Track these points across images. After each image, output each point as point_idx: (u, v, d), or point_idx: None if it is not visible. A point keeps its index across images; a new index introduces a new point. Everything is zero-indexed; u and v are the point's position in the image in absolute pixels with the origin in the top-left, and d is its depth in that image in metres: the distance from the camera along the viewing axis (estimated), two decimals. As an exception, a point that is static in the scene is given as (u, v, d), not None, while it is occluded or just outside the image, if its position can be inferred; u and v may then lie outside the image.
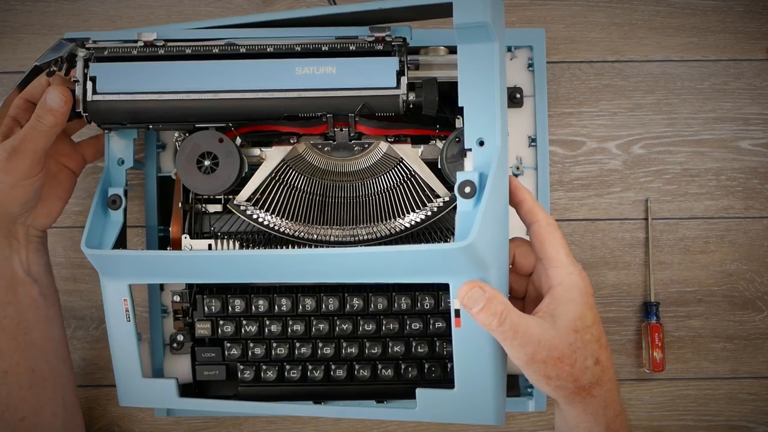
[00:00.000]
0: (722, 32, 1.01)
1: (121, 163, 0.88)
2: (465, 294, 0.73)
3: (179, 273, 0.85)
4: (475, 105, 0.78)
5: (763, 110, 1.00)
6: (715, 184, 1.00)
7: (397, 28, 0.83)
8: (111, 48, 0.84)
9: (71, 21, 1.04)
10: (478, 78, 0.78)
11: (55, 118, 0.81)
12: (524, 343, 0.72)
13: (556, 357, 0.73)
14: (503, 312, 0.72)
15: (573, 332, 0.74)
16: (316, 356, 0.90)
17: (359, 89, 0.82)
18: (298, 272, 0.82)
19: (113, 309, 0.87)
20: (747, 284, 1.00)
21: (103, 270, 0.85)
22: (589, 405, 0.75)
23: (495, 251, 0.77)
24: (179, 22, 1.03)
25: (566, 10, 1.02)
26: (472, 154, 0.78)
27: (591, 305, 0.76)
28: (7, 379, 0.86)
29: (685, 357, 0.99)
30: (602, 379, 0.75)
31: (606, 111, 1.01)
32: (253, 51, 0.84)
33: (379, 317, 0.89)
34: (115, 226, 0.87)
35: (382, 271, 0.80)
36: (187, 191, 0.89)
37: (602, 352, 0.76)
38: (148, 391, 0.89)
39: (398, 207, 0.87)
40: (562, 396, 0.75)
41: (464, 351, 0.79)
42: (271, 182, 0.87)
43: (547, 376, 0.74)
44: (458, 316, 0.78)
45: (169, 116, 0.84)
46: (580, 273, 0.77)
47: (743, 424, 0.99)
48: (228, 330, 0.89)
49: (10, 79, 1.03)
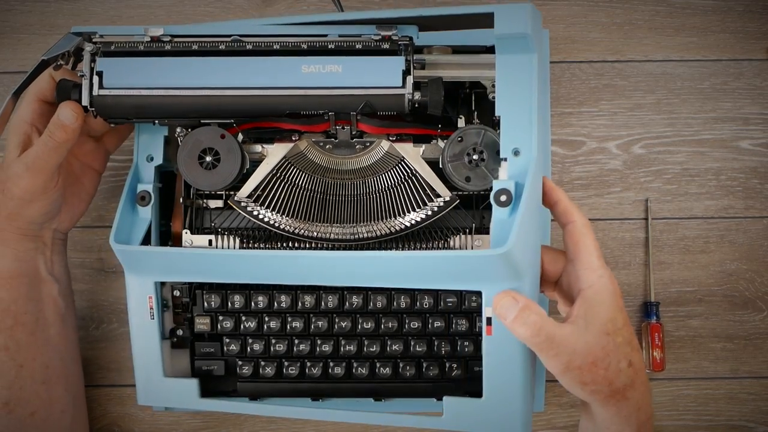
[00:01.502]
0: (722, 32, 1.01)
1: (150, 159, 0.89)
2: (498, 303, 0.75)
3: (209, 271, 0.85)
4: (511, 115, 0.80)
5: (763, 110, 1.00)
6: (715, 184, 1.00)
7: (403, 28, 0.83)
8: (118, 43, 0.85)
9: (71, 21, 1.04)
10: (515, 88, 0.80)
11: (66, 134, 0.82)
12: (560, 352, 0.73)
13: (590, 362, 0.73)
14: (537, 322, 0.73)
15: (605, 335, 0.74)
16: (315, 353, 0.90)
17: (365, 88, 0.82)
18: (330, 275, 0.83)
19: (137, 306, 0.87)
20: (747, 284, 1.00)
21: (130, 266, 0.86)
22: (623, 408, 0.76)
23: (529, 259, 0.79)
24: (179, 22, 1.03)
25: (566, 10, 1.02)
26: (507, 163, 0.80)
27: (621, 308, 0.77)
28: (22, 372, 0.86)
29: (685, 357, 0.99)
30: (635, 381, 0.76)
31: (606, 111, 1.01)
32: (260, 48, 0.84)
33: (378, 315, 0.89)
34: (143, 222, 0.87)
35: (410, 277, 0.83)
36: (189, 186, 0.89)
37: (634, 354, 0.76)
38: (169, 391, 0.89)
39: (399, 206, 0.87)
40: (598, 400, 0.76)
41: (494, 360, 0.80)
42: (272, 179, 0.87)
43: (582, 382, 0.74)
44: (489, 324, 0.79)
45: (175, 112, 0.84)
46: (610, 276, 0.77)
47: (743, 424, 0.99)
48: (227, 325, 0.89)
49: (10, 79, 1.03)
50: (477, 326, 0.88)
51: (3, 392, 0.86)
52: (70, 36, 0.85)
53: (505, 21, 0.77)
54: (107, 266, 1.01)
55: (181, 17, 1.03)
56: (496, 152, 0.83)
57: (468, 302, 0.88)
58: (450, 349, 0.89)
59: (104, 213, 1.00)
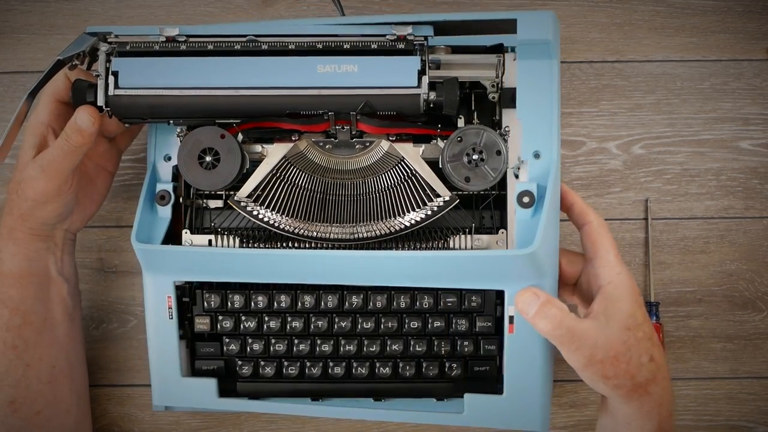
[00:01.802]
0: (722, 32, 1.01)
1: (167, 159, 0.89)
2: (520, 299, 0.77)
3: (232, 271, 0.86)
4: (532, 119, 0.83)
5: (763, 110, 1.00)
6: (715, 184, 1.00)
7: (418, 27, 0.84)
8: (133, 43, 0.85)
9: (71, 21, 1.04)
10: (536, 93, 0.84)
11: (83, 138, 0.82)
12: (581, 345, 0.75)
13: (612, 356, 0.75)
14: (557, 316, 0.75)
15: (626, 330, 0.76)
16: (315, 353, 0.90)
17: (380, 88, 0.83)
18: (358, 275, 0.85)
19: (155, 306, 0.88)
20: (747, 284, 0.99)
21: (149, 266, 0.86)
22: (645, 403, 0.77)
23: (551, 259, 0.84)
24: (179, 22, 1.03)
25: (566, 10, 1.02)
26: (528, 166, 0.83)
27: (640, 304, 0.79)
28: (29, 372, 0.86)
29: (684, 357, 0.99)
30: (657, 376, 0.77)
31: (606, 111, 1.01)
32: (275, 48, 0.84)
33: (378, 315, 0.89)
34: (163, 222, 0.88)
35: (432, 276, 0.85)
36: (189, 186, 0.89)
37: (655, 349, 0.77)
38: (186, 391, 0.90)
39: (398, 206, 0.87)
40: (620, 395, 0.77)
41: (515, 357, 0.84)
42: (272, 179, 0.87)
43: (605, 376, 0.76)
44: (512, 323, 0.83)
45: (190, 112, 0.84)
46: (628, 273, 0.80)
47: (743, 424, 0.99)
48: (227, 325, 0.89)
49: (10, 79, 1.03)
50: (477, 326, 0.88)
51: (9, 391, 0.86)
52: (85, 36, 0.85)
53: (528, 27, 0.81)
54: (107, 266, 1.01)
55: (181, 17, 1.03)
56: (495, 152, 0.84)
57: (468, 302, 0.88)
58: (450, 349, 0.89)
59: (104, 213, 1.00)
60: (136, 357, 0.99)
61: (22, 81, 1.03)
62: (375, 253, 0.84)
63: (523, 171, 0.84)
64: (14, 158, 1.00)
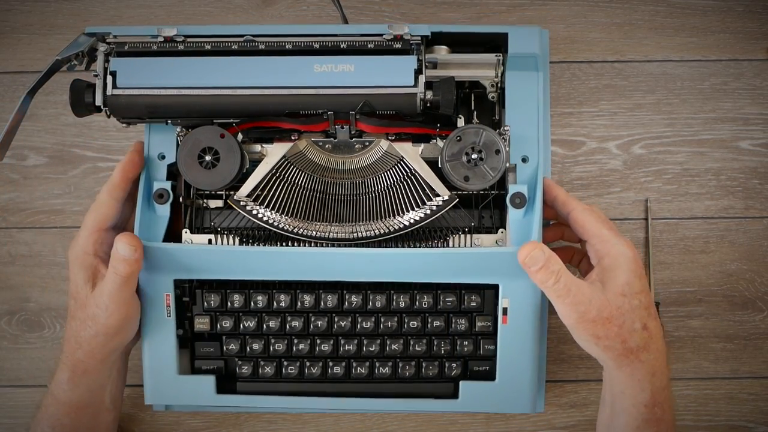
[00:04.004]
0: (722, 32, 1.01)
1: (161, 158, 0.89)
2: (527, 254, 0.79)
3: (232, 269, 0.86)
4: (520, 126, 0.86)
5: (763, 110, 1.00)
6: (715, 184, 1.00)
7: (415, 27, 0.84)
8: (131, 43, 0.85)
9: (71, 21, 1.04)
10: (523, 102, 0.87)
11: (130, 266, 0.82)
12: (576, 301, 0.77)
13: (605, 317, 0.78)
14: (559, 271, 0.78)
15: (621, 296, 0.78)
16: (314, 353, 0.90)
17: (377, 87, 0.83)
18: (358, 271, 0.86)
19: (153, 304, 0.88)
20: (747, 284, 0.99)
21: (149, 264, 0.86)
22: (637, 370, 0.79)
23: None
24: (179, 22, 1.03)
25: (566, 10, 1.02)
26: (518, 170, 0.86)
27: (639, 274, 0.80)
28: None
29: (685, 357, 0.99)
30: (650, 346, 0.79)
31: (606, 111, 1.01)
32: (272, 48, 0.85)
33: (377, 315, 0.89)
34: (162, 220, 0.88)
35: (430, 272, 0.86)
36: (188, 186, 0.89)
37: (650, 320, 0.79)
38: (183, 389, 0.89)
39: (398, 205, 0.87)
40: (611, 357, 0.79)
41: (508, 346, 0.87)
42: (271, 179, 0.87)
43: (596, 336, 0.78)
44: (505, 314, 0.86)
45: (188, 111, 0.85)
46: (627, 243, 0.81)
47: (743, 424, 0.99)
48: (227, 325, 0.89)
49: (10, 79, 1.03)
50: (476, 326, 0.88)
51: None
52: (83, 36, 0.85)
53: (518, 42, 0.85)
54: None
55: (181, 17, 1.03)
56: (494, 151, 0.84)
57: (467, 302, 0.88)
58: (449, 348, 0.89)
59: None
60: (137, 357, 0.99)
61: (22, 81, 1.03)
62: (374, 250, 0.84)
63: (514, 174, 0.87)
64: (12, 158, 1.01)
